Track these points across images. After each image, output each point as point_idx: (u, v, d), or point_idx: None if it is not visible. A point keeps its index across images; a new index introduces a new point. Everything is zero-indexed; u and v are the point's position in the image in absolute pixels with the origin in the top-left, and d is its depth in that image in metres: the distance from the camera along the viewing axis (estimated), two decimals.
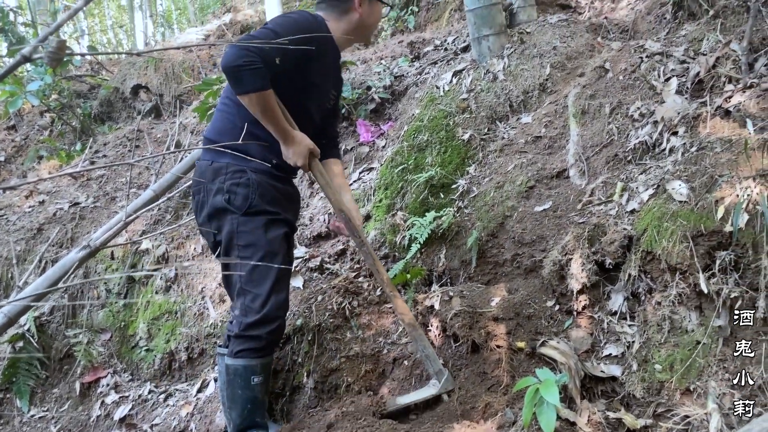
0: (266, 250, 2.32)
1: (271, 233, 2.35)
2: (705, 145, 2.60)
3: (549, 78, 3.75)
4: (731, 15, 3.28)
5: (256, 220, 2.33)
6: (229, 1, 14.49)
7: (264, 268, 2.30)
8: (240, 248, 2.32)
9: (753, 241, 2.23)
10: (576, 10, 5.06)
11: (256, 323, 2.32)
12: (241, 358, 2.36)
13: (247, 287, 2.33)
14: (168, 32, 20.49)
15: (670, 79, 3.11)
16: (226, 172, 2.33)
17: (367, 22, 2.54)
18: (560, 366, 2.37)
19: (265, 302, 2.31)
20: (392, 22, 6.65)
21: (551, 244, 2.85)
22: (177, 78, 6.34)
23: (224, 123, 2.45)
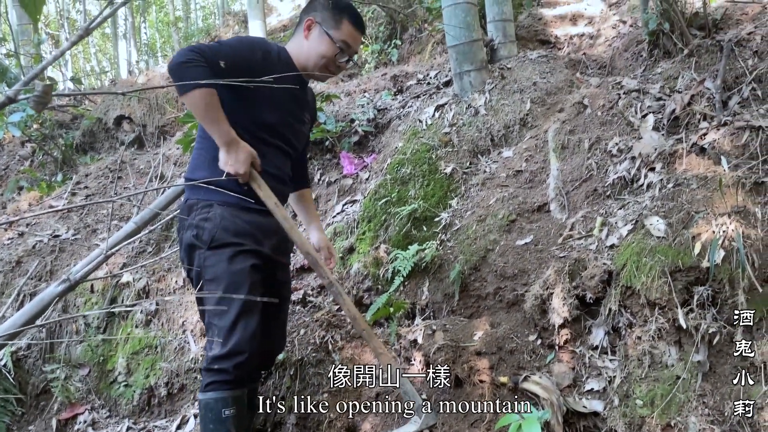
0: (228, 282, 2.27)
1: (235, 265, 2.29)
2: (681, 182, 2.65)
3: (529, 113, 3.82)
4: (705, 54, 3.38)
5: (220, 253, 2.28)
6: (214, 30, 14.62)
7: (227, 301, 2.26)
8: (207, 282, 2.29)
9: (729, 277, 2.27)
10: (555, 46, 5.18)
11: (221, 357, 2.27)
12: (211, 391, 2.30)
13: (213, 321, 2.30)
14: (152, 61, 20.59)
15: (646, 115, 3.19)
16: (197, 207, 2.31)
17: (312, 51, 2.41)
18: (542, 401, 2.37)
19: (228, 335, 2.26)
20: (376, 55, 6.75)
21: (533, 278, 2.88)
22: (161, 109, 6.35)
23: (198, 159, 2.42)
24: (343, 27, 2.38)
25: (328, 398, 2.84)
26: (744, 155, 2.64)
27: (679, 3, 3.62)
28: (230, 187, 2.27)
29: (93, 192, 5.07)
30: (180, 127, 6.12)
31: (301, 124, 2.59)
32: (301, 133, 2.60)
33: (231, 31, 13.38)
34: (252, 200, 2.32)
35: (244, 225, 2.33)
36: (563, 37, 5.31)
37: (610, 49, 4.52)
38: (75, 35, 1.35)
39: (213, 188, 2.27)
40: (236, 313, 2.27)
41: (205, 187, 2.26)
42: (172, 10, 20.95)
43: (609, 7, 5.52)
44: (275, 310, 2.59)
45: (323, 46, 2.38)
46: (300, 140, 2.62)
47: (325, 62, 2.41)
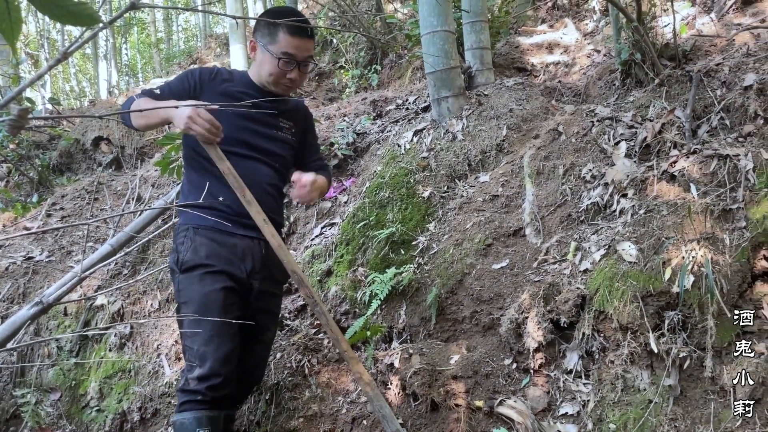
0: (199, 304, 2.28)
1: (205, 287, 2.29)
2: (652, 208, 2.71)
3: (506, 139, 3.88)
4: (675, 83, 3.48)
5: (191, 275, 2.31)
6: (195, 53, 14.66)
7: (200, 322, 2.25)
8: (182, 306, 2.33)
9: (699, 302, 2.32)
10: (532, 74, 5.28)
11: (195, 379, 2.25)
12: (186, 411, 2.27)
13: (187, 343, 2.30)
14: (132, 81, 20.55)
15: (619, 142, 3.26)
16: (177, 232, 2.38)
17: (261, 70, 2.44)
18: (517, 426, 2.39)
19: (202, 357, 2.25)
20: (356, 79, 6.82)
21: (509, 301, 2.91)
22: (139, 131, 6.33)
23: (183, 184, 2.51)
24: (280, 39, 2.36)
25: (304, 423, 2.82)
26: (712, 183, 2.71)
27: (651, 34, 3.73)
28: (207, 211, 2.30)
29: (69, 213, 5.02)
30: (159, 148, 6.10)
31: (276, 130, 2.55)
32: (278, 138, 2.55)
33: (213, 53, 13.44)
34: (228, 224, 2.30)
35: (216, 247, 2.34)
36: (539, 65, 5.42)
37: (585, 78, 4.63)
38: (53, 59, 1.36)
39: (192, 212, 2.32)
40: (208, 336, 2.26)
41: (187, 211, 2.31)
42: (154, 31, 20.98)
43: (584, 36, 5.65)
44: (251, 339, 2.52)
45: (266, 63, 2.40)
46: (279, 146, 2.56)
47: (274, 78, 2.41)
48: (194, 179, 2.41)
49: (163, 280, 3.94)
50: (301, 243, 4.12)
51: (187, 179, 2.47)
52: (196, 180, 2.40)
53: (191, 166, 2.46)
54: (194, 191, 2.34)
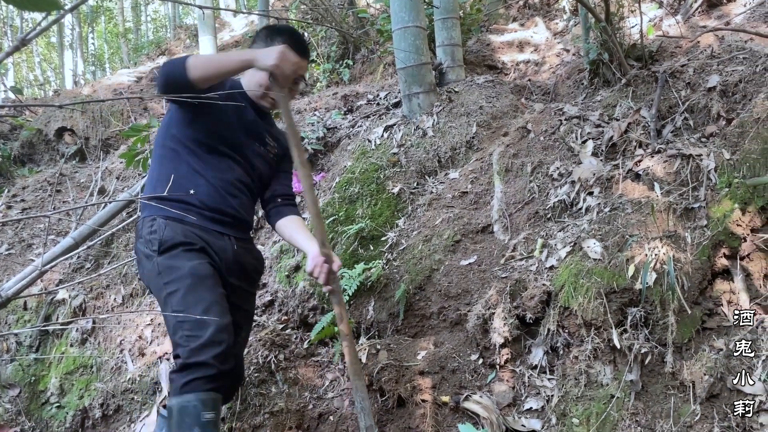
0: (192, 275, 2.16)
1: (192, 260, 2.20)
2: (617, 206, 2.75)
3: (475, 136, 3.90)
4: (641, 84, 3.54)
5: (173, 254, 2.21)
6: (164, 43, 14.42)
7: (195, 293, 2.14)
8: (168, 285, 2.17)
9: (661, 299, 2.36)
10: (502, 72, 5.32)
11: (199, 348, 2.06)
12: (189, 392, 2.04)
13: (180, 318, 2.12)
14: (99, 72, 20.12)
15: (586, 141, 3.30)
16: (143, 224, 2.28)
17: (252, 81, 2.41)
18: (483, 420, 2.40)
19: (204, 324, 2.09)
20: (327, 74, 6.78)
21: (476, 297, 2.92)
22: (105, 121, 6.19)
23: (150, 177, 2.39)
24: None
25: (270, 419, 2.80)
26: (676, 182, 2.76)
27: (618, 34, 3.78)
28: (176, 205, 2.22)
29: (30, 205, 4.89)
30: (124, 140, 5.98)
31: (262, 145, 2.49)
32: (260, 154, 2.48)
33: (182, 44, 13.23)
34: (194, 217, 2.25)
35: (189, 232, 2.26)
36: (510, 63, 5.46)
37: (554, 77, 4.67)
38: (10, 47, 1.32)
39: (155, 204, 2.26)
40: (207, 304, 2.13)
41: (150, 204, 2.25)
42: (122, 21, 20.58)
43: (554, 35, 5.71)
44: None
45: (258, 74, 2.34)
46: (260, 161, 2.49)
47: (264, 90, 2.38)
48: (164, 172, 2.30)
49: (127, 275, 3.87)
50: (269, 238, 4.08)
51: (158, 171, 2.35)
52: (166, 173, 2.29)
53: (165, 156, 2.34)
54: (163, 183, 2.25)
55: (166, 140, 2.34)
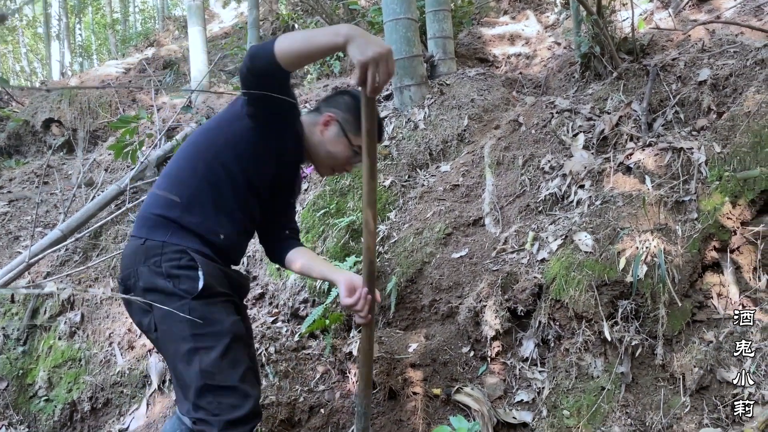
0: (230, 334, 1.88)
1: (232, 316, 1.93)
2: (608, 199, 2.76)
3: (467, 129, 3.90)
4: (633, 77, 3.54)
5: (213, 301, 1.90)
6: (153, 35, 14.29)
7: (233, 355, 1.86)
8: (199, 338, 1.83)
9: (651, 291, 2.37)
10: (493, 65, 5.31)
11: (237, 421, 1.82)
12: None
13: (214, 381, 1.82)
14: (87, 63, 19.91)
15: (577, 134, 3.30)
16: (161, 252, 1.89)
17: (324, 148, 2.07)
18: (474, 413, 2.40)
19: (243, 395, 1.84)
20: (318, 66, 6.74)
21: (467, 290, 2.92)
22: (93, 113, 6.13)
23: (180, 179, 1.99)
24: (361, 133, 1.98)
25: None
26: (666, 175, 2.77)
27: (610, 28, 3.78)
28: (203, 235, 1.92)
29: (16, 197, 4.83)
30: (113, 132, 5.93)
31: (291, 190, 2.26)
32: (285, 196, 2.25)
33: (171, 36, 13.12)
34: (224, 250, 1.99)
35: (223, 278, 2.00)
36: (501, 56, 5.45)
37: (545, 70, 4.67)
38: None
39: (185, 231, 1.91)
40: (244, 368, 1.89)
41: (171, 228, 1.90)
42: (110, 11, 20.37)
43: (545, 29, 5.70)
44: None
45: (339, 147, 2.06)
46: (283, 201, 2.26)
47: (335, 162, 2.10)
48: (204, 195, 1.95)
49: (116, 267, 3.83)
50: None
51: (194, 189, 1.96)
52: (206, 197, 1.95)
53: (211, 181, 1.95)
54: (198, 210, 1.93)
55: (227, 159, 1.95)
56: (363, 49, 1.57)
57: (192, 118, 5.25)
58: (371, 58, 1.57)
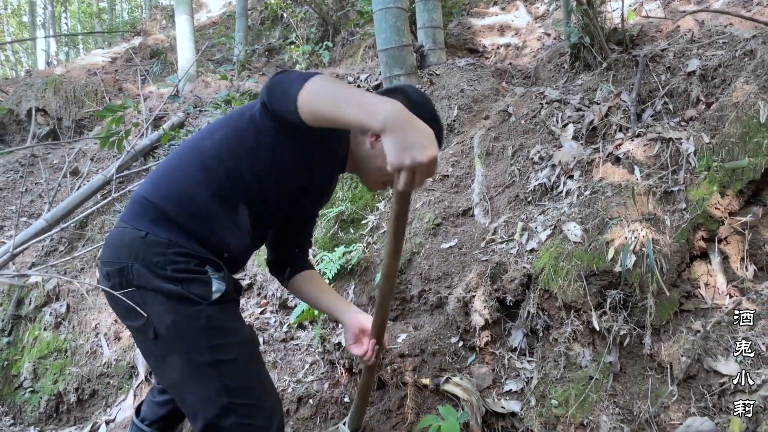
0: (250, 343, 1.70)
1: (244, 324, 1.76)
2: (597, 189, 2.76)
3: (457, 119, 3.88)
4: (622, 68, 3.54)
5: (229, 306, 1.70)
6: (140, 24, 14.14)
7: (255, 367, 1.69)
8: (219, 350, 1.61)
9: (640, 281, 2.37)
10: (483, 55, 5.29)
11: None
12: None
13: (238, 399, 1.62)
14: (73, 52, 19.68)
15: (567, 125, 3.30)
16: (165, 252, 1.63)
17: (373, 164, 1.78)
18: (462, 403, 2.40)
19: (270, 412, 1.67)
20: (307, 56, 6.69)
21: (456, 280, 2.91)
22: (78, 102, 6.05)
23: (184, 188, 1.69)
24: None
25: None
26: (655, 165, 2.77)
27: (599, 18, 3.77)
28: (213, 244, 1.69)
29: (0, 187, 4.77)
30: (98, 121, 5.86)
31: (318, 205, 2.01)
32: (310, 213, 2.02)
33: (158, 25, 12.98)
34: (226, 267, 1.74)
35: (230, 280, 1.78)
36: (491, 47, 5.43)
37: (535, 60, 4.66)
38: None
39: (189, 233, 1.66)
40: (267, 380, 1.75)
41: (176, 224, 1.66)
42: (96, 0, 20.13)
43: (535, 19, 5.69)
44: None
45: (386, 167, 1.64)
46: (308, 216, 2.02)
47: (385, 179, 1.80)
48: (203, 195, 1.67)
49: None
50: None
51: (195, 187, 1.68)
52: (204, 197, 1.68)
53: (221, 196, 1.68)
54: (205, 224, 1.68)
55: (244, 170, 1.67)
56: (400, 151, 1.26)
57: (179, 107, 5.20)
58: (408, 166, 1.26)
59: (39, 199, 4.38)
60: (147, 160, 4.71)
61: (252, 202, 1.71)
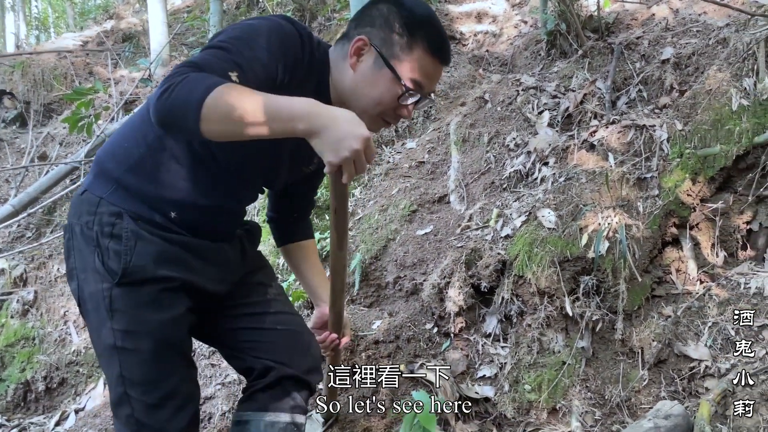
0: (158, 341, 1.48)
1: (164, 313, 1.48)
2: (572, 176, 2.76)
3: (433, 105, 3.86)
4: (597, 55, 3.55)
5: (141, 291, 1.47)
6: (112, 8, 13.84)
7: (162, 366, 1.50)
8: (119, 335, 1.46)
9: (612, 267, 2.39)
10: (460, 42, 5.27)
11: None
12: None
13: (135, 392, 1.48)
14: (43, 36, 19.21)
15: (543, 112, 3.30)
16: (96, 211, 1.47)
17: (362, 91, 1.48)
18: (437, 388, 2.40)
19: (171, 416, 1.51)
20: None
21: (431, 267, 2.91)
22: (47, 85, 5.91)
23: (124, 140, 1.54)
24: (416, 56, 1.46)
25: (221, 390, 2.75)
26: (629, 152, 2.78)
27: (575, 6, 3.77)
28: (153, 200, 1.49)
29: None
30: (68, 104, 5.72)
31: (305, 166, 1.74)
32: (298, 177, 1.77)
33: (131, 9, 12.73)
34: (183, 230, 1.52)
35: (170, 247, 1.50)
36: (468, 34, 5.41)
37: (512, 48, 4.66)
38: None
39: (125, 189, 1.48)
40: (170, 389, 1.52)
41: (113, 180, 1.49)
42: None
43: (512, 7, 5.68)
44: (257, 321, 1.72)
45: (380, 87, 1.46)
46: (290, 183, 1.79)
47: (382, 110, 1.50)
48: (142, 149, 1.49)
49: None
50: None
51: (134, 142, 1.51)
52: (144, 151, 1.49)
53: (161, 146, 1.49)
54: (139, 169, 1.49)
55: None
56: (335, 148, 1.20)
57: (151, 90, 5.11)
58: (346, 158, 1.21)
59: (6, 184, 4.27)
60: None
61: (191, 145, 1.47)
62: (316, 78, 1.50)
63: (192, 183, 1.51)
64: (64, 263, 1.60)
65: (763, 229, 2.55)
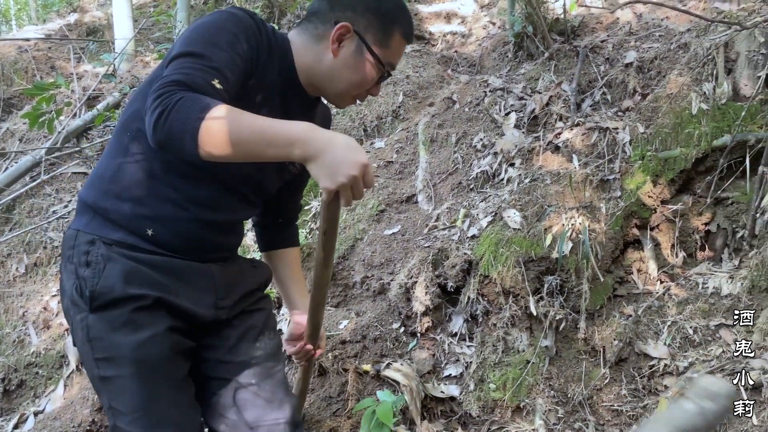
0: (136, 363, 1.40)
1: (139, 333, 1.41)
2: (537, 177, 2.80)
3: (402, 105, 3.87)
4: (564, 58, 3.60)
5: (112, 314, 1.41)
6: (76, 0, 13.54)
7: (146, 390, 1.41)
8: (101, 364, 1.43)
9: (576, 267, 2.43)
10: (429, 42, 5.29)
11: None
12: None
13: (122, 423, 1.42)
14: (5, 27, 18.70)
15: (509, 113, 3.33)
16: (74, 244, 1.46)
17: (342, 76, 1.50)
18: (402, 388, 2.41)
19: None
20: None
21: (399, 267, 2.92)
22: (7, 79, 5.75)
23: (98, 169, 1.53)
24: (394, 43, 1.51)
25: None
26: (593, 154, 2.83)
27: (542, 8, 3.82)
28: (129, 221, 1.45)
29: None
30: (28, 100, 5.57)
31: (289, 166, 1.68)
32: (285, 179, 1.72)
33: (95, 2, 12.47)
34: (160, 248, 1.47)
35: (141, 267, 1.44)
36: (437, 34, 5.44)
37: (480, 49, 4.69)
38: None
39: (102, 215, 1.46)
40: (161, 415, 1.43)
41: (89, 209, 1.48)
42: None
43: (481, 8, 5.72)
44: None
45: (362, 72, 1.50)
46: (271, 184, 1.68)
47: (357, 92, 1.55)
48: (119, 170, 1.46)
49: (31, 243, 3.63)
50: None
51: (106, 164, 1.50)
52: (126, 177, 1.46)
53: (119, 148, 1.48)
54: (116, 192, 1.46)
55: (128, 122, 1.48)
56: (332, 174, 1.20)
57: (115, 86, 5.01)
58: (343, 184, 1.20)
59: None
60: (80, 141, 4.52)
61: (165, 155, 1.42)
62: (277, 61, 1.50)
63: (168, 195, 1.46)
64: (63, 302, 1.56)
65: (720, 230, 2.62)
